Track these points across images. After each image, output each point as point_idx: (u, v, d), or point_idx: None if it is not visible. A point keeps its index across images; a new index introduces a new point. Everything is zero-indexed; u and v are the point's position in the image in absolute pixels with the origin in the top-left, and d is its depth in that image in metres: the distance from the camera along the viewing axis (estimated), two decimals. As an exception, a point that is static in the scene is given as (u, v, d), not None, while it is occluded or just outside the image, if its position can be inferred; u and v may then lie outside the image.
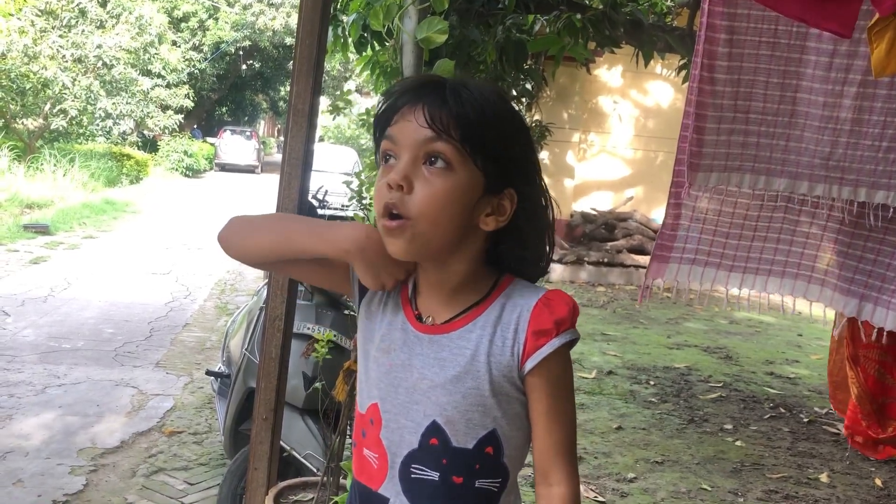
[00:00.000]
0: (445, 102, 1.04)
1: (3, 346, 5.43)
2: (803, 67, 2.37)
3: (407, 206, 1.04)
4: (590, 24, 4.59)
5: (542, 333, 1.08)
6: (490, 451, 1.11)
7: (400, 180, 1.03)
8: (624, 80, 10.76)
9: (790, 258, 2.67)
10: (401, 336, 1.15)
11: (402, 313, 1.17)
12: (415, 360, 1.13)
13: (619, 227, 10.54)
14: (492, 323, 1.11)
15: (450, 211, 1.05)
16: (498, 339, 1.10)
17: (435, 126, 1.03)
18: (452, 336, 1.12)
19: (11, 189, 12.75)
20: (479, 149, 1.05)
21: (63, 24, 16.92)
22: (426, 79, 1.10)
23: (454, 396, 1.09)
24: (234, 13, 26.73)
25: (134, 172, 19.25)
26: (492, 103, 1.07)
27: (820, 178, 2.42)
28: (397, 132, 1.06)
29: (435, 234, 1.06)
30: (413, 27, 1.65)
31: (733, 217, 2.66)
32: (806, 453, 4.46)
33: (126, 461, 3.81)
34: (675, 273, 2.75)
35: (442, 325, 1.13)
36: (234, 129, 30.59)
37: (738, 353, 6.72)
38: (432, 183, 1.04)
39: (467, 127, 1.04)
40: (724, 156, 2.45)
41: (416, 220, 1.04)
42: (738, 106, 2.41)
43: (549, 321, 1.08)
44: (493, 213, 1.09)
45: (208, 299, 7.52)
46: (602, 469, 4.02)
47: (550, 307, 1.09)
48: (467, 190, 1.05)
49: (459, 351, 1.10)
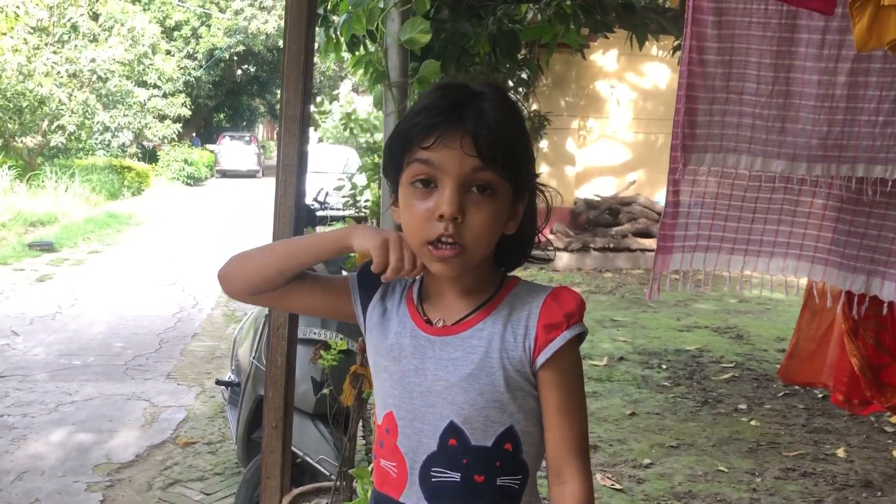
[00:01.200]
0: (488, 128, 1.06)
1: (15, 366, 5.44)
2: (795, 46, 2.35)
3: (462, 235, 1.07)
4: (581, 10, 4.57)
5: (553, 327, 1.11)
6: (509, 448, 1.12)
7: (457, 213, 1.06)
8: (620, 63, 10.72)
9: (792, 239, 2.65)
10: (410, 343, 1.16)
11: (410, 320, 1.18)
12: (427, 363, 1.14)
13: (623, 212, 10.52)
14: (502, 320, 1.13)
15: (497, 230, 1.11)
16: (509, 335, 1.12)
17: (483, 155, 1.05)
18: (464, 336, 1.13)
19: (14, 208, 12.78)
20: (514, 168, 1.09)
21: (56, 40, 16.93)
22: (461, 97, 1.09)
23: (470, 395, 1.10)
24: (226, 19, 26.73)
25: (135, 184, 19.28)
26: (516, 117, 1.12)
27: (818, 157, 2.40)
28: (439, 159, 1.06)
29: (484, 253, 1.11)
30: (396, 29, 1.63)
31: (731, 199, 2.65)
32: (822, 429, 4.44)
33: (142, 475, 3.82)
34: (680, 262, 2.74)
35: (452, 326, 1.15)
36: (233, 134, 30.60)
37: (749, 332, 6.70)
38: (483, 209, 1.07)
39: (507, 151, 1.08)
40: (719, 136, 2.43)
41: (471, 246, 1.08)
42: (731, 87, 2.39)
43: (559, 314, 1.11)
44: (512, 218, 1.14)
45: (216, 307, 7.52)
46: (618, 456, 4.01)
47: (559, 301, 1.13)
48: (506, 207, 1.11)
49: (472, 349, 1.12)
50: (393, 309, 1.21)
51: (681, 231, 2.69)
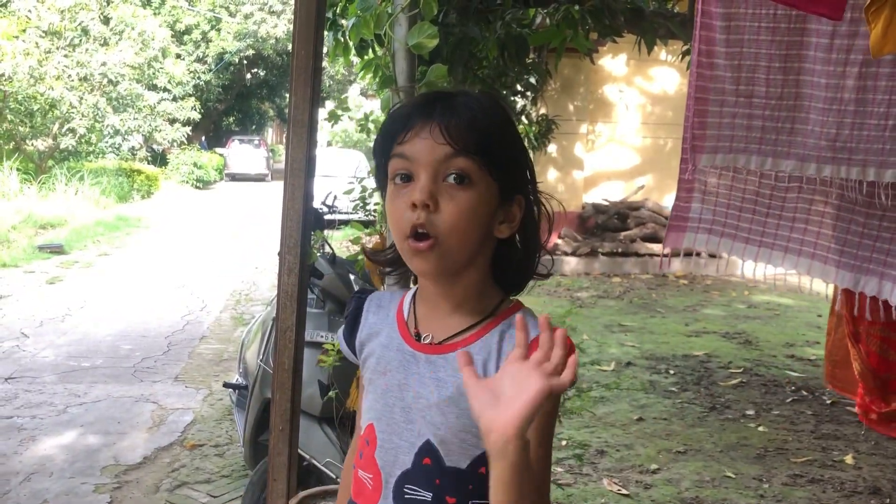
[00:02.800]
0: (459, 116, 1.05)
1: (24, 368, 5.47)
2: (804, 50, 2.36)
3: (435, 225, 1.04)
4: (589, 15, 4.57)
5: None
6: (484, 472, 1.07)
7: (427, 199, 1.03)
8: (628, 68, 10.71)
9: (806, 236, 2.65)
10: (396, 356, 1.14)
11: (398, 334, 1.16)
12: (410, 379, 1.12)
13: (631, 217, 10.50)
14: (489, 349, 1.09)
15: (475, 224, 1.06)
16: (492, 367, 1.08)
17: (453, 142, 1.04)
18: (449, 357, 1.10)
19: (25, 210, 12.85)
20: (495, 159, 1.06)
21: (67, 43, 17.03)
22: (433, 95, 1.11)
23: (448, 417, 1.08)
24: (235, 23, 26.83)
25: (145, 187, 19.37)
26: (496, 112, 1.09)
27: (827, 159, 2.40)
28: (412, 151, 1.06)
29: (462, 248, 1.06)
30: (404, 34, 1.64)
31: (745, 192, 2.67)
32: (830, 435, 4.42)
33: (149, 477, 3.83)
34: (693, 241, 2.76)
35: (440, 345, 1.12)
36: (242, 138, 30.71)
37: (757, 338, 6.67)
38: (457, 199, 1.04)
39: (482, 139, 1.05)
40: (729, 137, 2.44)
41: (445, 238, 1.04)
42: (741, 90, 2.40)
43: None
44: (505, 221, 1.10)
45: (224, 310, 7.55)
46: (624, 461, 4.00)
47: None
48: (487, 201, 1.07)
49: (455, 372, 1.08)
50: (381, 322, 1.19)
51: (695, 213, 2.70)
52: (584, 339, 6.35)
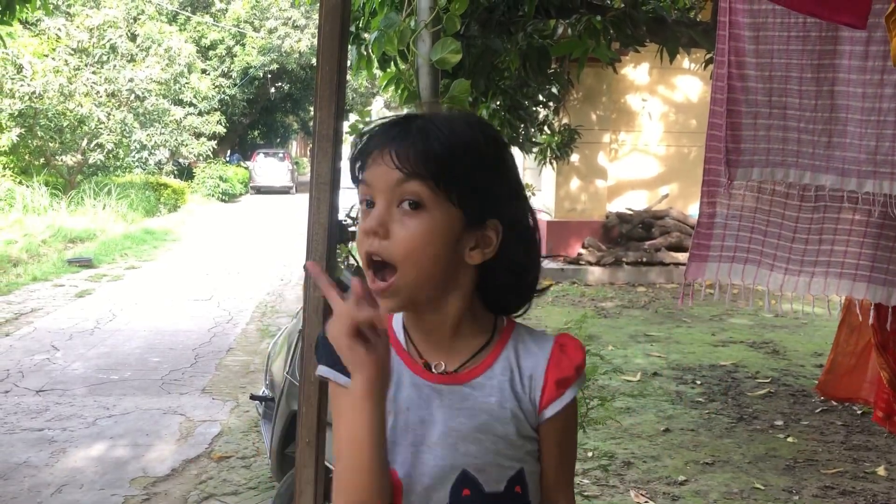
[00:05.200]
0: (412, 141, 1.01)
1: (55, 381, 5.54)
2: (838, 59, 2.28)
3: (388, 252, 1.01)
4: (611, 24, 4.57)
5: (563, 382, 1.09)
6: (519, 490, 1.11)
7: (376, 227, 1.01)
8: (651, 76, 10.68)
9: (833, 257, 2.57)
10: (413, 392, 1.09)
11: (406, 369, 1.10)
12: (435, 413, 1.08)
13: (656, 226, 10.44)
14: (509, 368, 1.10)
15: (430, 252, 1.01)
16: (517, 384, 1.09)
17: (403, 167, 1.00)
18: (474, 384, 1.09)
19: (55, 225, 13.06)
20: (452, 184, 1.01)
21: (95, 60, 17.31)
22: (394, 119, 1.07)
23: (484, 444, 1.07)
24: (260, 38, 27.12)
25: (171, 201, 19.59)
26: (462, 135, 1.04)
27: (868, 173, 2.31)
28: (370, 176, 1.04)
29: (421, 278, 1.02)
30: (427, 50, 1.65)
31: (770, 215, 2.58)
32: (861, 446, 4.36)
33: (177, 489, 3.86)
34: (716, 272, 2.70)
35: (458, 374, 1.09)
36: (266, 151, 31.00)
37: (785, 347, 6.60)
38: (408, 226, 1.01)
39: (436, 163, 1.00)
40: (765, 151, 2.38)
41: (400, 268, 1.01)
42: (773, 102, 2.34)
43: (570, 368, 1.10)
44: (477, 247, 1.05)
45: (250, 322, 7.60)
46: (651, 473, 3.97)
47: (567, 354, 1.11)
48: (445, 228, 1.02)
49: (484, 398, 1.08)
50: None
51: (717, 241, 2.65)
52: (609, 349, 6.32)
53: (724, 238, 2.68)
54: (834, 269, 2.58)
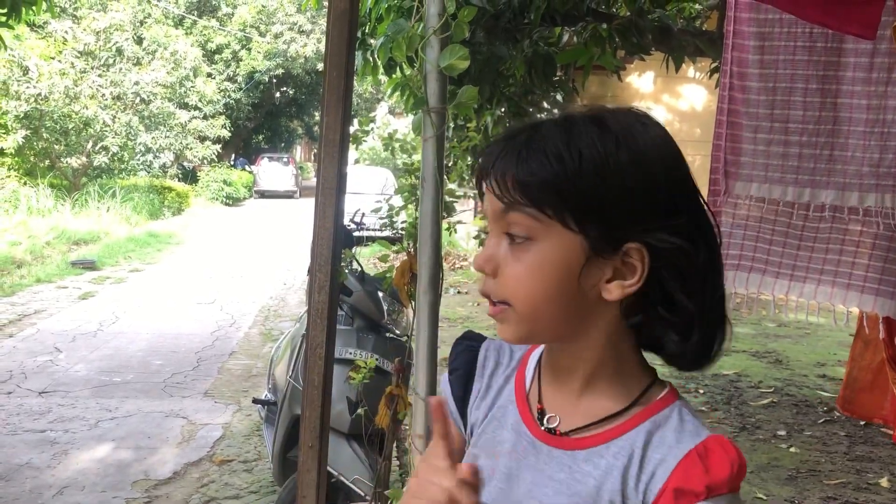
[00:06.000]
0: (511, 163, 0.85)
1: (57, 382, 5.55)
2: (842, 70, 2.27)
3: (497, 292, 0.88)
4: (617, 33, 4.58)
5: (685, 494, 0.82)
6: None
7: (483, 264, 0.88)
8: (656, 85, 10.69)
9: (840, 267, 2.55)
10: (512, 437, 0.94)
11: (516, 410, 0.95)
12: (525, 472, 0.91)
13: (659, 234, 10.44)
14: (629, 453, 0.86)
15: (544, 287, 0.85)
16: (632, 476, 0.85)
17: (503, 196, 0.85)
18: (578, 456, 0.88)
19: (59, 227, 13.09)
20: (564, 207, 0.83)
21: (101, 63, 17.39)
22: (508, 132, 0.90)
23: None
24: (265, 42, 27.21)
25: (175, 204, 19.63)
26: (573, 145, 0.84)
27: (870, 186, 2.31)
28: (485, 206, 0.90)
29: (538, 315, 0.86)
30: (435, 56, 1.66)
31: (776, 224, 2.57)
32: (864, 458, 4.34)
33: (179, 492, 3.86)
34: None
35: (568, 437, 0.90)
36: (271, 155, 31.05)
37: (788, 357, 6.59)
38: (515, 261, 0.86)
39: (538, 186, 0.83)
40: (763, 167, 2.37)
41: (513, 304, 0.87)
42: (776, 115, 2.33)
43: (701, 482, 0.81)
44: (616, 278, 0.85)
45: (253, 326, 7.61)
46: (654, 482, 3.96)
47: (706, 463, 0.83)
48: (561, 260, 0.84)
49: (583, 477, 0.87)
50: (498, 387, 0.98)
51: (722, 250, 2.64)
52: (612, 357, 6.31)
53: (728, 247, 2.68)
54: (841, 280, 2.57)
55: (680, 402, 0.90)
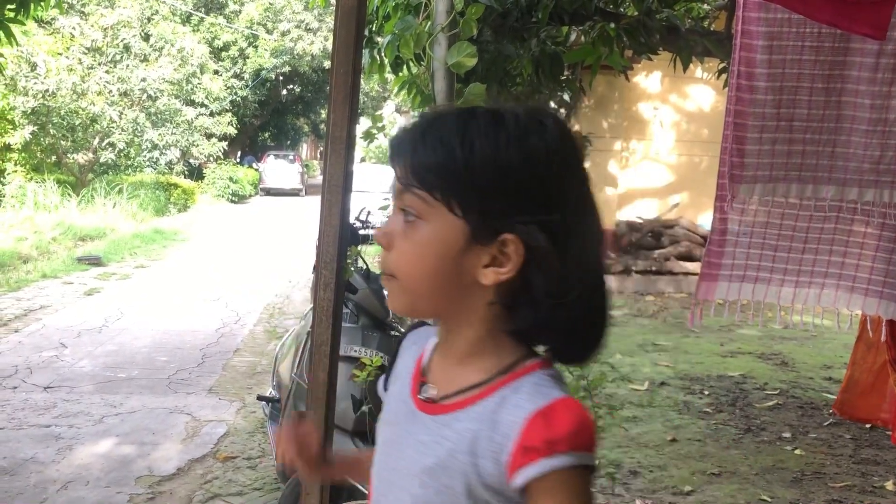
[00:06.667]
0: (410, 148, 0.94)
1: (62, 378, 5.56)
2: (848, 70, 2.31)
3: (387, 264, 0.97)
4: (625, 32, 4.57)
5: (530, 450, 0.87)
6: None
7: (380, 237, 0.98)
8: (663, 85, 10.66)
9: (844, 270, 2.57)
10: (401, 408, 1.03)
11: (408, 383, 1.04)
12: (403, 438, 1.00)
13: (665, 235, 10.41)
14: (482, 418, 0.92)
15: (425, 265, 0.93)
16: (484, 439, 0.91)
17: (401, 177, 0.95)
18: (439, 420, 0.96)
19: (65, 223, 13.12)
20: (450, 193, 0.90)
21: (109, 59, 17.43)
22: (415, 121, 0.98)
23: (426, 490, 0.94)
24: (272, 40, 27.22)
25: (181, 201, 19.66)
26: (467, 137, 0.90)
27: (870, 182, 2.35)
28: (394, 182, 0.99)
29: (418, 290, 0.95)
30: (443, 54, 1.66)
31: (781, 228, 2.58)
32: (870, 461, 4.33)
33: (182, 488, 3.86)
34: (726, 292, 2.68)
35: (438, 404, 0.98)
36: (277, 153, 31.07)
37: (794, 359, 6.57)
38: (404, 238, 0.95)
39: (428, 171, 0.91)
40: (768, 166, 2.39)
41: (397, 278, 0.96)
42: (781, 114, 2.35)
43: (540, 437, 0.87)
44: (491, 265, 0.91)
45: (258, 324, 7.61)
46: (658, 483, 3.95)
47: (548, 420, 0.88)
48: (443, 241, 0.92)
49: (440, 440, 0.94)
50: (403, 369, 1.08)
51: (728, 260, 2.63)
52: (617, 357, 6.29)
53: (734, 256, 2.67)
54: (845, 283, 2.57)
55: (544, 370, 0.94)
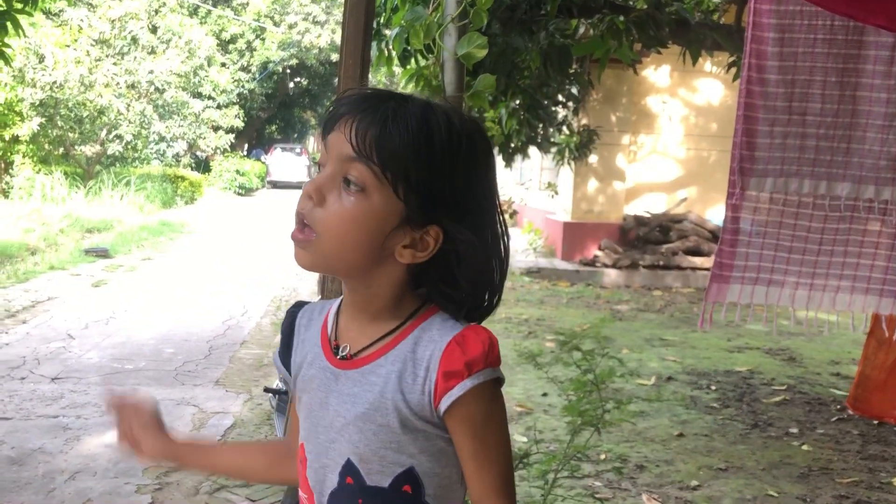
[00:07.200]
0: (375, 121, 0.98)
1: (70, 369, 5.58)
2: (862, 63, 2.27)
3: (315, 219, 1.02)
4: (634, 25, 4.54)
5: (452, 375, 1.00)
6: (408, 490, 1.06)
7: (313, 192, 1.01)
8: (672, 79, 10.63)
9: (859, 271, 2.53)
10: (318, 374, 1.11)
11: (320, 349, 1.12)
12: (330, 397, 1.08)
13: (673, 229, 10.39)
14: (402, 358, 1.04)
15: (356, 234, 1.00)
16: (408, 375, 1.03)
17: (357, 146, 0.98)
18: (363, 370, 1.06)
19: (72, 214, 13.16)
20: (401, 177, 0.98)
21: (116, 52, 17.45)
22: (373, 93, 1.03)
23: (364, 434, 1.05)
24: (280, 33, 27.21)
25: (188, 193, 19.70)
26: (431, 130, 0.99)
27: (887, 180, 2.31)
28: (330, 140, 1.02)
29: (340, 254, 1.02)
30: (453, 44, 1.64)
31: (795, 228, 2.54)
32: (877, 456, 4.31)
33: (189, 479, 3.87)
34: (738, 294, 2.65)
35: (355, 359, 1.08)
36: (284, 146, 31.11)
37: (801, 355, 6.55)
38: (342, 203, 1.00)
39: (390, 153, 0.97)
40: (780, 160, 2.36)
41: (320, 236, 1.02)
42: (794, 108, 2.32)
43: (460, 362, 1.00)
44: (410, 247, 1.02)
45: (264, 316, 7.62)
46: (664, 477, 3.94)
47: (463, 347, 1.01)
48: (380, 217, 0.99)
49: (369, 386, 1.05)
50: (309, 339, 1.15)
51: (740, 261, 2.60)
52: (624, 352, 6.28)
53: (747, 257, 2.63)
54: (860, 284, 2.54)
55: (439, 312, 1.06)
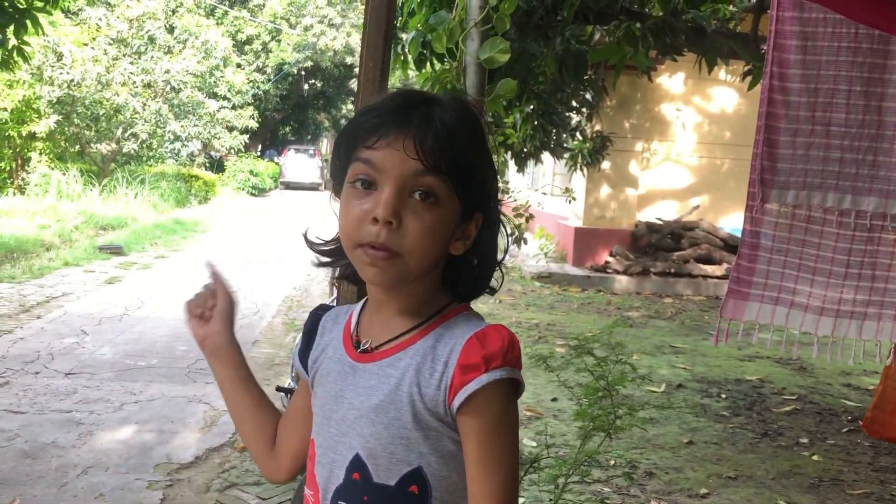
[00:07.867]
0: (435, 132, 0.99)
1: (83, 364, 5.62)
2: (889, 73, 2.22)
3: (398, 242, 0.99)
4: (650, 32, 4.55)
5: (470, 368, 1.00)
6: (415, 490, 1.03)
7: (391, 216, 0.98)
8: (686, 86, 10.61)
9: (887, 297, 2.42)
10: (336, 367, 1.11)
11: (341, 345, 1.13)
12: (346, 390, 1.08)
13: (685, 237, 10.37)
14: (423, 352, 1.04)
15: (435, 245, 1.02)
16: (426, 370, 1.02)
17: (426, 160, 0.98)
18: (382, 363, 1.06)
19: (87, 212, 13.25)
20: (460, 177, 1.01)
21: (133, 51, 17.56)
22: (408, 101, 1.03)
23: (376, 427, 1.03)
24: (295, 35, 27.32)
25: (202, 193, 19.79)
26: (470, 126, 1.04)
27: None
28: (380, 159, 0.99)
29: (422, 266, 1.02)
30: (476, 48, 1.66)
31: (820, 248, 2.44)
32: (888, 468, 4.29)
33: (200, 476, 3.90)
34: (757, 313, 2.54)
35: (376, 352, 1.08)
36: (297, 147, 31.22)
37: (812, 364, 6.52)
38: (423, 218, 0.99)
39: (454, 158, 1.00)
40: (803, 172, 2.30)
41: (406, 255, 1.00)
42: (817, 118, 2.27)
43: (478, 356, 1.00)
44: (461, 238, 1.05)
45: (276, 316, 7.66)
46: (673, 485, 3.94)
47: (483, 341, 1.01)
48: (451, 221, 1.03)
49: (385, 379, 1.05)
50: (331, 339, 1.16)
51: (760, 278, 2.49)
52: (635, 358, 6.28)
53: (767, 275, 2.50)
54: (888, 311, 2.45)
55: (467, 311, 1.09)
